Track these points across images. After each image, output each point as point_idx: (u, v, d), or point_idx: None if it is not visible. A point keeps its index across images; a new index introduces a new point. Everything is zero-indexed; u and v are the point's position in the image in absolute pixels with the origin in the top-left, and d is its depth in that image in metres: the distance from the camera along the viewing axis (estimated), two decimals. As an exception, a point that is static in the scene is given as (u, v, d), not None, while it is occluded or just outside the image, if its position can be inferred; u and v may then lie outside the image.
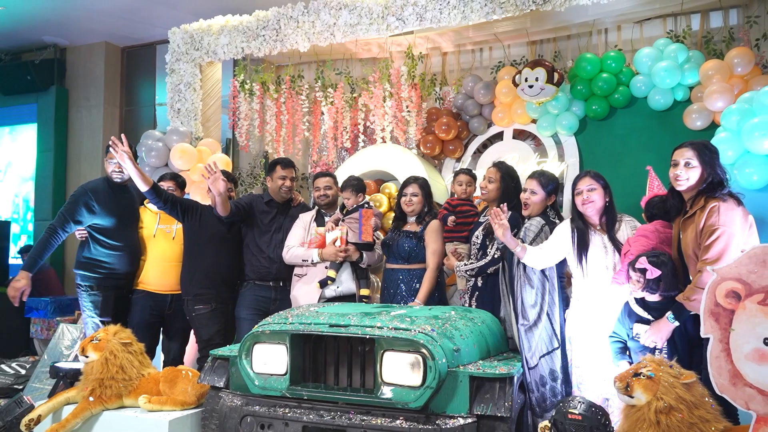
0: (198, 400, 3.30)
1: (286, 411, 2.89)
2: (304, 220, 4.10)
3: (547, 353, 3.18)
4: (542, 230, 3.38)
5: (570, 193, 3.46)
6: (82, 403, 3.22)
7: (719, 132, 3.61)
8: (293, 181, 4.19)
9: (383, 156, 5.44)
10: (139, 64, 8.34)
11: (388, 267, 4.01)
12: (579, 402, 2.57)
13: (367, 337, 2.81)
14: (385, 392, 2.75)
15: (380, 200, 5.25)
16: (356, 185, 4.12)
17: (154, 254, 4.11)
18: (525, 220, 3.53)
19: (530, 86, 4.73)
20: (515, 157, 5.14)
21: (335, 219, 4.00)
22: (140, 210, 4.23)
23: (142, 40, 8.14)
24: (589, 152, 4.95)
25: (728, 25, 4.96)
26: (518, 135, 5.37)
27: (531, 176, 3.55)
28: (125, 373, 3.27)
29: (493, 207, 3.47)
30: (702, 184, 2.87)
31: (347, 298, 3.93)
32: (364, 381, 2.90)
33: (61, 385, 3.62)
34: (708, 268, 2.39)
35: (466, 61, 5.97)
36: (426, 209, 3.97)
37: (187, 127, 5.60)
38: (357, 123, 5.70)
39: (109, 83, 8.20)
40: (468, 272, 3.63)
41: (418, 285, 3.86)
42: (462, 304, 3.81)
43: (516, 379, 2.81)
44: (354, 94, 5.77)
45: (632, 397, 2.36)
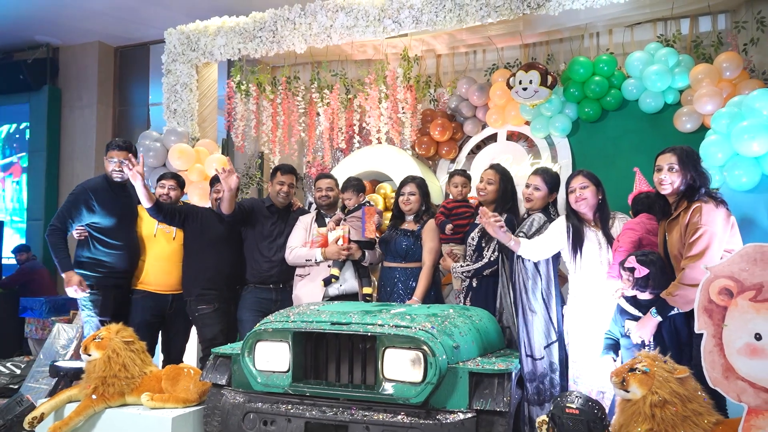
0: (200, 398, 3.34)
1: (289, 407, 2.93)
2: (305, 222, 4.15)
3: (546, 346, 3.26)
4: (544, 226, 3.46)
5: (563, 192, 3.56)
6: (85, 401, 3.24)
7: (709, 135, 3.70)
8: (291, 188, 4.22)
9: (378, 157, 5.50)
10: (132, 64, 8.35)
11: (385, 265, 4.07)
12: (576, 397, 2.64)
13: (368, 334, 2.86)
14: (387, 388, 2.80)
15: (375, 200, 5.31)
16: (357, 185, 4.19)
17: (154, 254, 4.13)
18: (527, 215, 3.61)
19: (524, 89, 4.81)
20: (509, 158, 5.23)
21: (337, 219, 4.06)
22: (139, 209, 4.25)
23: (135, 40, 8.14)
24: (581, 154, 5.04)
25: (717, 30, 5.08)
26: (511, 136, 5.45)
27: (535, 172, 3.64)
28: (128, 371, 3.30)
29: (489, 209, 3.54)
30: (684, 186, 2.98)
31: (350, 297, 3.99)
32: (365, 378, 2.95)
33: (62, 384, 3.64)
34: (702, 267, 2.48)
35: (460, 63, 6.06)
36: (423, 208, 4.04)
37: (183, 128, 5.62)
38: (352, 124, 5.76)
39: (103, 83, 8.20)
40: (464, 273, 3.69)
41: (414, 283, 3.92)
42: (457, 304, 3.88)
43: (514, 374, 2.88)
44: (349, 96, 5.83)
45: (628, 392, 2.43)
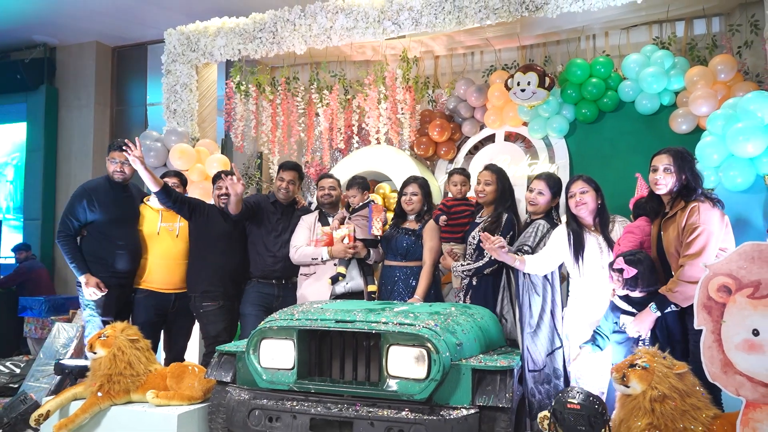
0: (204, 395, 3.37)
1: (294, 404, 2.97)
2: (308, 221, 4.20)
3: (550, 353, 3.32)
4: (548, 233, 3.51)
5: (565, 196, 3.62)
6: (90, 398, 3.27)
7: (705, 136, 3.77)
8: (293, 184, 4.26)
9: (377, 157, 5.55)
10: (129, 64, 8.36)
11: (386, 264, 4.12)
12: (577, 392, 2.70)
13: (373, 332, 2.91)
14: (391, 385, 2.85)
15: (374, 200, 5.36)
16: (362, 183, 4.26)
17: (157, 252, 4.15)
18: (529, 220, 3.67)
19: (522, 90, 4.87)
20: (507, 158, 5.29)
21: (341, 217, 4.11)
22: (141, 208, 4.26)
23: (132, 39, 8.16)
24: (578, 154, 5.11)
25: (711, 33, 5.16)
26: (509, 137, 5.51)
27: (539, 177, 3.68)
28: (133, 369, 3.33)
29: (489, 210, 3.61)
30: (678, 187, 3.04)
31: (355, 295, 4.04)
32: (368, 375, 2.99)
33: (67, 382, 3.67)
34: (700, 264, 2.54)
35: (458, 64, 6.11)
36: (425, 208, 4.09)
37: (183, 128, 5.65)
38: (351, 124, 5.81)
39: (100, 83, 8.21)
40: (464, 272, 3.74)
41: (414, 282, 3.97)
42: (456, 302, 3.93)
43: (515, 371, 2.94)
44: (348, 96, 5.87)
45: (628, 387, 2.49)
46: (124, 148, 3.87)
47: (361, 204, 4.17)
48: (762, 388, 2.11)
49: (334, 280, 3.97)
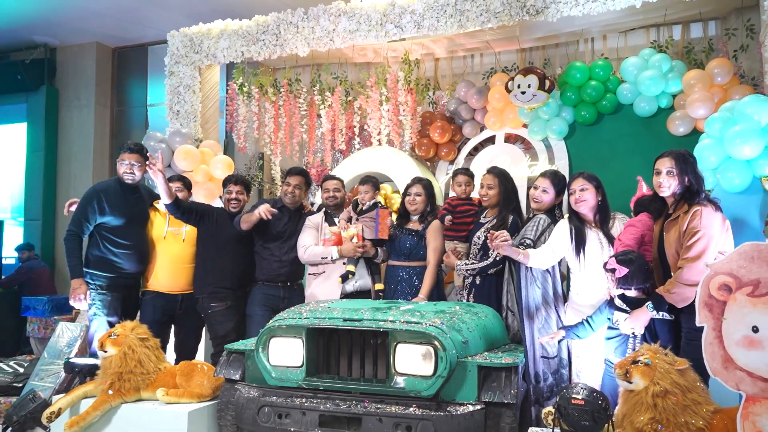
0: (213, 393, 3.42)
1: (303, 401, 3.02)
2: (315, 222, 4.26)
3: (559, 341, 3.39)
4: (548, 227, 3.59)
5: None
6: (101, 396, 3.32)
7: (703, 139, 3.85)
8: (300, 189, 4.31)
9: (378, 158, 5.62)
10: (130, 65, 8.39)
11: (389, 263, 4.19)
12: (581, 388, 2.76)
13: (381, 330, 2.97)
14: (399, 382, 2.92)
15: (381, 201, 5.41)
16: (375, 182, 4.35)
17: (164, 256, 4.21)
18: (532, 214, 3.74)
19: (523, 92, 4.95)
20: (507, 160, 5.37)
21: (347, 216, 4.17)
22: (150, 211, 4.32)
23: (133, 40, 8.19)
24: (577, 156, 5.19)
25: (707, 36, 5.26)
26: (509, 138, 5.59)
27: (543, 175, 3.75)
28: (143, 367, 3.38)
29: (493, 211, 3.69)
30: (680, 189, 3.10)
31: (363, 293, 4.11)
32: (376, 372, 3.05)
33: (76, 380, 3.71)
34: (699, 267, 2.62)
35: (458, 66, 6.19)
36: (429, 209, 4.15)
37: (186, 129, 5.70)
38: (352, 126, 5.87)
39: (100, 83, 8.24)
40: (469, 271, 3.81)
41: (417, 281, 4.03)
42: (458, 301, 4.00)
43: (520, 368, 3.01)
44: (349, 98, 5.94)
45: (631, 383, 2.56)
46: (147, 162, 3.92)
47: (368, 205, 4.22)
48: (761, 382, 2.19)
49: (344, 278, 4.04)
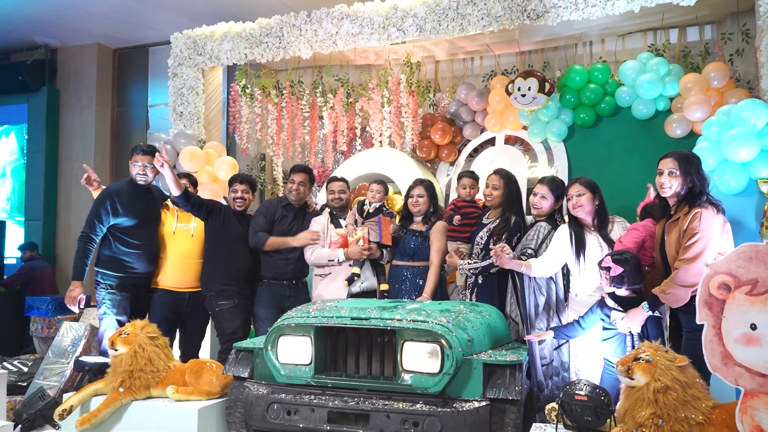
0: (222, 391, 3.48)
1: (312, 398, 3.09)
2: (320, 223, 4.32)
3: (557, 347, 3.48)
4: (549, 234, 3.66)
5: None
6: (112, 393, 3.37)
7: (700, 141, 3.93)
8: (304, 186, 4.37)
9: (379, 159, 5.69)
10: (130, 66, 8.43)
11: (393, 263, 4.25)
12: (584, 385, 2.84)
13: (388, 328, 3.04)
14: (406, 379, 2.99)
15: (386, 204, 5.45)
16: (385, 185, 4.44)
17: (172, 252, 4.26)
18: (534, 221, 3.82)
19: (523, 95, 5.03)
20: (507, 161, 5.45)
21: (352, 221, 4.24)
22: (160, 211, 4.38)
23: (133, 42, 8.23)
24: (576, 158, 5.28)
25: (704, 40, 5.36)
26: (508, 140, 5.67)
27: (541, 181, 3.82)
28: (153, 365, 3.43)
29: (496, 212, 3.77)
30: (684, 190, 3.14)
31: (369, 294, 4.18)
32: (383, 369, 3.12)
33: (86, 378, 3.76)
34: (694, 269, 2.72)
35: (459, 68, 6.28)
36: (431, 210, 4.22)
37: (191, 131, 5.76)
38: (354, 127, 5.94)
39: (101, 84, 8.27)
40: (471, 270, 3.89)
41: (421, 281, 4.10)
42: (460, 300, 4.07)
43: (524, 365, 3.08)
44: (350, 99, 6.01)
45: (632, 379, 2.63)
46: (156, 154, 3.97)
47: (374, 207, 4.29)
48: (759, 378, 2.27)
49: (350, 280, 4.11)
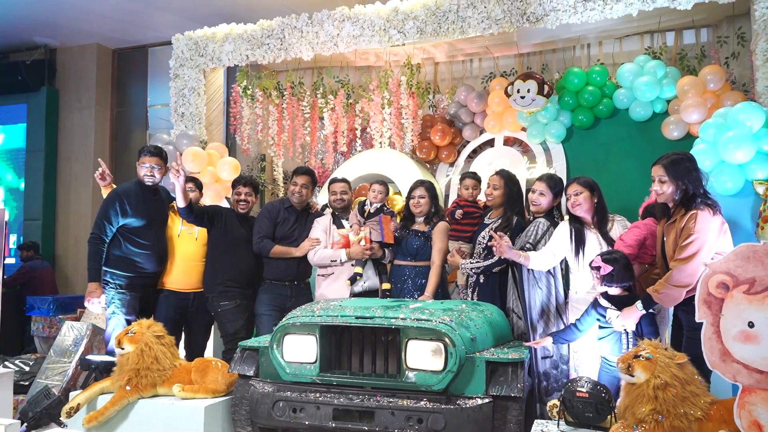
0: (227, 389, 3.53)
1: (317, 396, 3.14)
2: (323, 224, 4.37)
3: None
4: (548, 230, 3.73)
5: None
6: (119, 391, 3.42)
7: (697, 143, 4.00)
8: (306, 188, 4.42)
9: (380, 160, 5.74)
10: (130, 66, 8.44)
11: (395, 263, 4.31)
12: (586, 382, 2.91)
13: (392, 327, 3.09)
14: (410, 377, 3.04)
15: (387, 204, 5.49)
16: (387, 186, 4.50)
17: (178, 254, 4.32)
18: (532, 218, 3.88)
19: (522, 97, 5.09)
20: (506, 162, 5.50)
21: (355, 222, 4.29)
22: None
23: (133, 42, 8.24)
24: (575, 159, 5.34)
25: (700, 43, 5.44)
26: (507, 141, 5.73)
27: (540, 179, 3.91)
28: (159, 364, 3.48)
29: (498, 212, 3.84)
30: (678, 194, 3.19)
31: (371, 293, 4.23)
32: (387, 367, 3.18)
33: (93, 377, 3.80)
34: (695, 262, 2.77)
35: (458, 70, 6.33)
36: (433, 210, 4.28)
37: (193, 131, 5.80)
38: (354, 128, 5.99)
39: (101, 84, 8.28)
40: (474, 270, 3.94)
41: (422, 281, 4.15)
42: (462, 299, 4.13)
43: (526, 363, 3.14)
44: (350, 100, 6.06)
45: (633, 376, 2.70)
46: (173, 166, 4.01)
47: (375, 207, 4.34)
48: (756, 374, 2.35)
49: (353, 280, 4.16)
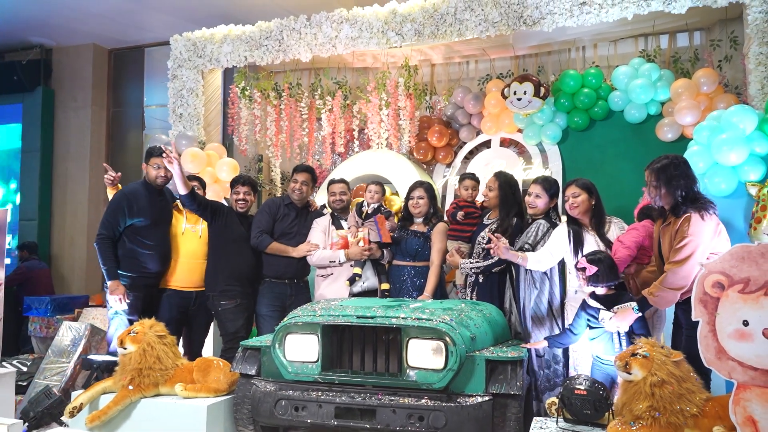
0: (229, 388, 3.56)
1: (319, 394, 3.18)
2: (322, 225, 4.41)
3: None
4: (548, 232, 3.79)
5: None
6: (121, 391, 3.44)
7: (691, 146, 4.07)
8: (306, 185, 4.46)
9: (377, 161, 5.78)
10: (126, 66, 8.44)
11: (394, 263, 4.35)
12: (584, 379, 2.96)
13: (394, 326, 3.14)
14: (411, 375, 3.08)
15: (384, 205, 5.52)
16: (383, 186, 4.56)
17: (181, 252, 4.35)
18: (530, 221, 3.94)
19: (518, 99, 5.14)
20: (503, 163, 5.56)
21: (353, 223, 4.33)
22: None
23: (129, 42, 8.24)
24: (570, 160, 5.40)
25: (693, 46, 5.52)
26: (503, 142, 5.79)
27: (535, 181, 3.96)
28: (162, 363, 3.50)
29: (495, 213, 3.89)
30: (669, 198, 3.24)
31: (370, 293, 4.27)
32: (388, 366, 3.21)
33: (94, 376, 3.82)
34: (698, 264, 2.84)
35: (454, 72, 6.39)
36: (432, 211, 4.32)
37: (191, 132, 5.82)
38: (351, 129, 6.03)
39: (97, 85, 8.28)
40: (473, 270, 3.99)
41: (421, 281, 4.20)
42: (460, 299, 4.18)
43: (524, 361, 3.19)
44: (347, 102, 6.10)
45: (630, 374, 2.75)
46: (164, 153, 4.02)
47: (373, 208, 4.39)
48: (751, 371, 2.41)
49: (352, 280, 4.20)
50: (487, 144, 5.84)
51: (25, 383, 5.52)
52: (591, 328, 3.31)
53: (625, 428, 2.66)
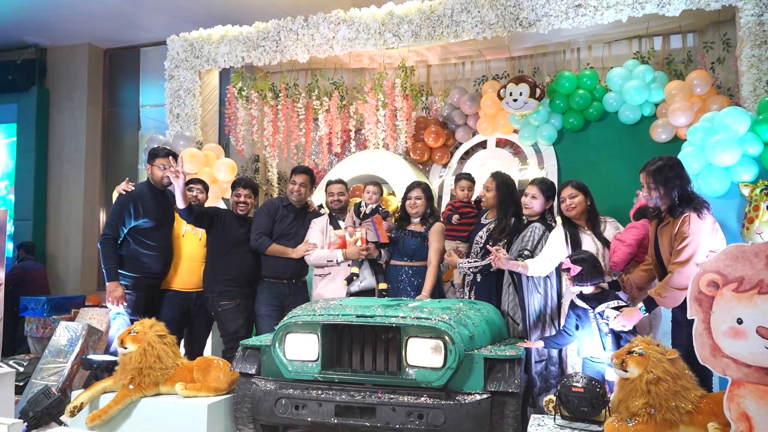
0: (229, 387, 3.59)
1: (320, 393, 3.21)
2: (320, 225, 4.44)
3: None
4: (543, 235, 3.83)
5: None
6: (122, 390, 3.46)
7: (685, 147, 4.12)
8: (305, 187, 4.49)
9: (373, 161, 5.81)
10: (122, 66, 8.43)
11: (392, 263, 4.38)
12: (581, 377, 3.01)
13: (393, 325, 3.17)
14: (410, 373, 3.13)
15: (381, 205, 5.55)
16: (381, 186, 4.58)
17: (182, 254, 4.39)
18: (526, 222, 3.98)
19: (515, 100, 5.19)
20: (498, 163, 5.61)
21: (351, 223, 4.37)
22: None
23: (125, 42, 8.23)
24: (566, 161, 5.45)
25: (686, 48, 5.58)
26: (499, 143, 5.84)
27: (532, 182, 4.00)
28: (162, 363, 3.53)
29: (494, 212, 3.93)
30: (666, 199, 3.28)
31: (368, 293, 4.30)
32: (387, 365, 3.25)
33: (95, 376, 3.83)
34: (688, 271, 2.89)
35: (450, 73, 6.43)
36: (429, 211, 4.36)
37: (189, 132, 5.83)
38: (347, 130, 6.06)
39: (92, 84, 8.26)
40: (471, 269, 4.03)
41: (419, 280, 4.23)
42: (458, 298, 4.22)
43: (522, 360, 3.24)
44: (344, 102, 6.12)
45: (626, 372, 2.80)
46: (171, 165, 4.04)
47: (371, 208, 4.42)
48: (745, 368, 2.46)
49: (349, 280, 4.24)
50: (483, 144, 5.88)
51: (21, 383, 5.51)
52: (577, 327, 3.35)
53: (621, 425, 2.71)
